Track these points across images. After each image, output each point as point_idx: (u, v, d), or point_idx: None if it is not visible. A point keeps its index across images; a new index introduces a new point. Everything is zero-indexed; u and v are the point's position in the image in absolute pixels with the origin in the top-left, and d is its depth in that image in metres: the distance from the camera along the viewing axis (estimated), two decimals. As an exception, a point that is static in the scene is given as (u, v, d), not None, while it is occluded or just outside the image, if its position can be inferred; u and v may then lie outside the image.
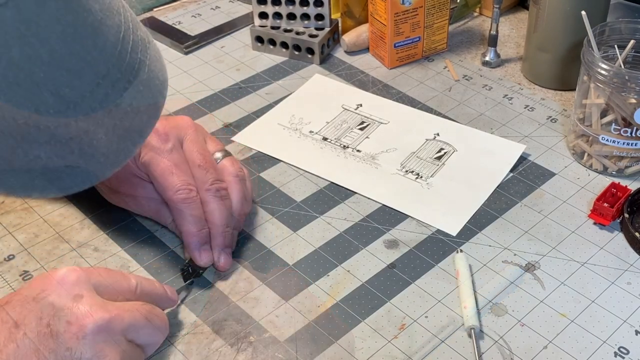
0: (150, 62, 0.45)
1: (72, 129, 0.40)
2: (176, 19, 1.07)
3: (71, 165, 0.42)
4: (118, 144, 0.43)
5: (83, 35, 0.39)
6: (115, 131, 0.43)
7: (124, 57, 0.42)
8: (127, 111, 0.43)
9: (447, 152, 0.81)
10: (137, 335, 0.55)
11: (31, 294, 0.52)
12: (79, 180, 0.43)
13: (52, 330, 0.50)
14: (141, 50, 0.44)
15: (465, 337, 0.61)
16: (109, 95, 0.41)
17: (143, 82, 0.44)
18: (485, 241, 0.70)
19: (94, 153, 0.42)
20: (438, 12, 0.95)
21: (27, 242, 0.71)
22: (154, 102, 0.45)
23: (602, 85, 0.73)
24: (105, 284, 0.55)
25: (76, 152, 0.41)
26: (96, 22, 0.40)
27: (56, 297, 0.51)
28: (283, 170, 0.79)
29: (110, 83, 0.41)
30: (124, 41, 0.42)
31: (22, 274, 0.67)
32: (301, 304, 0.64)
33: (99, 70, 0.41)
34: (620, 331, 0.61)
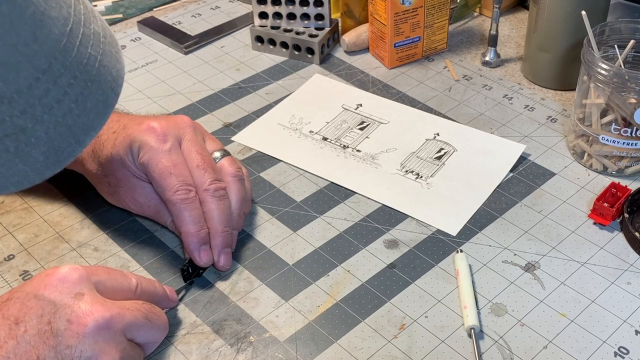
0: (102, 57, 0.42)
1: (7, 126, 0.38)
2: (176, 19, 1.07)
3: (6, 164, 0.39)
4: (60, 142, 0.41)
5: (20, 26, 0.37)
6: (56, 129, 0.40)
7: (69, 51, 0.40)
8: (71, 108, 0.40)
9: (447, 152, 0.81)
10: (137, 334, 0.55)
11: (32, 291, 0.52)
12: (15, 180, 0.40)
13: (52, 327, 0.50)
14: (93, 45, 0.42)
15: (465, 337, 0.61)
16: (49, 91, 0.39)
17: (92, 78, 0.41)
18: (485, 241, 0.70)
19: (31, 152, 0.39)
20: (438, 12, 0.95)
21: (27, 242, 0.71)
22: (103, 98, 0.43)
23: (602, 85, 0.73)
24: (105, 282, 0.55)
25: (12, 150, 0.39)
26: (38, 13, 0.38)
27: (57, 294, 0.52)
28: (283, 170, 0.79)
29: (52, 78, 0.39)
30: (71, 34, 0.40)
31: (22, 274, 0.67)
32: (301, 304, 0.64)
33: (39, 64, 0.38)
34: (620, 331, 0.61)
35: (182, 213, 0.64)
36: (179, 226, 0.65)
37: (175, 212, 0.65)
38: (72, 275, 0.53)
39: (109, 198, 0.71)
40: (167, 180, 0.64)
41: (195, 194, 0.65)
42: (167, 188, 0.64)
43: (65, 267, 0.54)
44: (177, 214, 0.65)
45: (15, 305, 0.51)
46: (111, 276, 0.56)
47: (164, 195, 0.65)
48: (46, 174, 0.41)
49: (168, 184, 0.64)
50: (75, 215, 0.74)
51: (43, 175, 0.41)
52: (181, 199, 0.64)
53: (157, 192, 0.66)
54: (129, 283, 0.57)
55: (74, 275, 0.53)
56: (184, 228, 0.65)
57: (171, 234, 0.71)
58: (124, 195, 0.69)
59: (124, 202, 0.70)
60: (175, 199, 0.64)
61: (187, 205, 0.64)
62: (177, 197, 0.64)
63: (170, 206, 0.65)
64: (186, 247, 0.65)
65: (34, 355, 0.49)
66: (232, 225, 0.67)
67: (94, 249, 0.70)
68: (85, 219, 0.73)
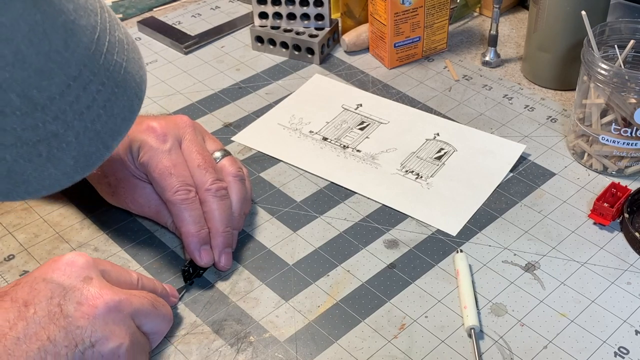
0: (127, 63, 0.44)
1: (40, 132, 0.39)
2: (176, 19, 1.07)
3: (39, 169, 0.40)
4: (89, 147, 0.42)
5: (52, 35, 0.38)
6: (86, 134, 0.41)
7: (97, 58, 0.41)
8: (99, 114, 0.42)
9: (447, 152, 0.81)
10: (144, 321, 0.56)
11: (40, 275, 0.53)
12: (47, 183, 0.41)
13: (62, 309, 0.51)
14: (118, 52, 0.43)
15: (465, 337, 0.61)
16: (80, 97, 0.40)
17: (118, 84, 0.43)
18: (485, 241, 0.70)
19: (62, 156, 0.41)
20: (438, 12, 0.95)
21: (27, 242, 0.71)
22: (129, 104, 0.44)
23: (602, 85, 0.73)
24: (110, 272, 0.56)
25: (44, 155, 0.40)
26: (68, 22, 0.39)
27: (66, 278, 0.52)
28: (283, 170, 0.79)
29: (82, 85, 0.40)
30: (98, 42, 0.41)
31: (22, 274, 0.67)
32: (301, 304, 0.64)
33: (70, 72, 0.39)
34: (620, 331, 0.61)
35: (182, 213, 0.64)
36: (179, 226, 0.65)
37: (175, 212, 0.65)
38: (79, 260, 0.54)
39: (108, 198, 0.71)
40: (167, 181, 0.64)
41: (195, 194, 0.65)
42: (167, 188, 0.64)
43: (72, 253, 0.55)
44: (177, 214, 0.65)
45: (24, 289, 0.51)
46: (114, 268, 0.57)
47: (164, 195, 0.65)
48: (76, 177, 0.43)
49: (168, 184, 0.64)
50: (75, 215, 0.74)
51: (73, 179, 0.42)
52: (181, 199, 0.64)
53: (157, 192, 0.66)
54: (131, 277, 0.58)
55: (81, 260, 0.54)
56: (184, 228, 0.65)
57: (171, 234, 0.71)
58: (124, 196, 0.69)
59: (123, 202, 0.70)
60: (175, 199, 0.64)
61: (188, 206, 0.64)
62: (177, 197, 0.64)
63: (171, 206, 0.65)
64: (186, 247, 0.65)
65: (44, 335, 0.49)
66: (232, 225, 0.67)
67: (94, 249, 0.70)
68: (85, 219, 0.73)
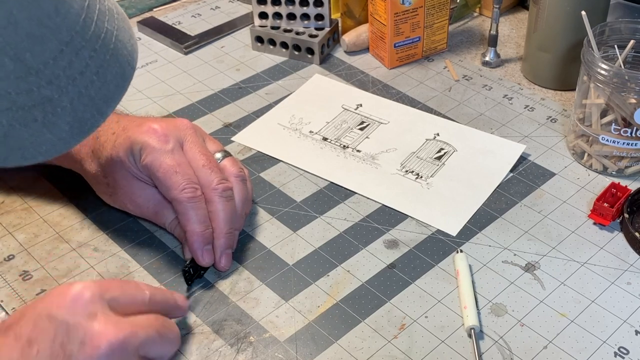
0: (117, 32, 0.45)
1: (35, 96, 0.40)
2: (176, 19, 1.07)
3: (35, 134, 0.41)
4: (84, 113, 0.43)
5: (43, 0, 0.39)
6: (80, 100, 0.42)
7: (89, 25, 0.42)
8: (92, 80, 0.43)
9: (447, 152, 0.81)
10: (150, 350, 0.54)
11: (45, 310, 0.51)
12: (43, 149, 0.42)
13: (65, 350, 0.49)
14: (108, 20, 0.44)
15: (465, 337, 0.61)
16: (72, 63, 0.41)
17: (110, 51, 0.44)
18: (485, 241, 0.70)
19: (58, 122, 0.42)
20: (438, 12, 0.95)
21: (27, 242, 0.71)
22: (121, 71, 0.45)
23: (602, 85, 0.73)
24: (119, 299, 0.54)
25: (39, 120, 0.41)
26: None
27: (70, 315, 0.51)
28: (283, 170, 0.79)
29: (74, 50, 0.41)
30: (89, 9, 0.42)
31: (22, 274, 0.67)
32: (301, 304, 0.64)
33: (62, 37, 0.40)
34: (620, 331, 0.61)
35: (188, 212, 0.64)
36: (184, 225, 0.65)
37: (181, 210, 0.64)
38: (84, 294, 0.52)
39: (107, 199, 0.71)
40: (173, 179, 0.64)
41: (201, 193, 0.65)
42: (173, 186, 0.64)
43: (78, 285, 0.53)
44: (184, 212, 0.64)
45: (28, 325, 0.50)
46: (124, 291, 0.55)
47: (170, 193, 0.65)
48: (72, 143, 0.43)
49: (174, 182, 0.64)
50: (75, 215, 0.74)
51: (69, 144, 0.43)
52: (188, 197, 0.64)
53: (162, 191, 0.66)
54: (142, 296, 0.56)
55: (87, 294, 0.52)
56: (189, 227, 0.64)
57: (171, 234, 0.71)
58: (123, 197, 0.69)
59: (122, 203, 0.70)
60: (182, 197, 0.64)
61: (194, 204, 0.64)
62: (184, 195, 0.64)
63: (176, 204, 0.65)
64: (190, 246, 0.65)
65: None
66: (235, 226, 0.67)
67: (94, 249, 0.70)
68: (85, 219, 0.73)
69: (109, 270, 0.67)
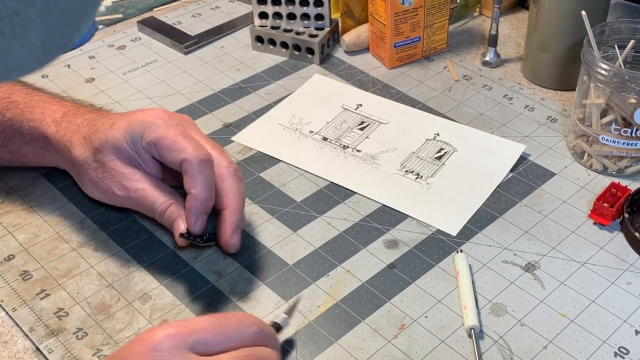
0: None
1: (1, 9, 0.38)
2: (176, 19, 1.07)
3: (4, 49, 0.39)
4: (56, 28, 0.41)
5: None
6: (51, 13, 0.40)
7: None
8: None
9: (447, 152, 0.81)
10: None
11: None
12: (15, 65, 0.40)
13: None
14: None
15: (465, 337, 0.61)
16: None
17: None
18: (485, 241, 0.70)
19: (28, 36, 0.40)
20: (438, 12, 0.95)
21: (27, 242, 0.71)
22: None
23: (602, 85, 0.73)
24: (207, 340, 0.52)
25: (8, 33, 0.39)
26: None
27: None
28: (283, 170, 0.79)
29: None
30: None
31: (22, 274, 0.67)
32: (301, 304, 0.64)
33: None
34: (620, 331, 0.61)
35: (197, 175, 0.63)
36: (190, 187, 0.63)
37: (190, 172, 0.63)
38: (164, 344, 0.50)
39: (90, 188, 0.69)
40: (184, 142, 0.63)
41: (212, 161, 0.64)
42: (184, 148, 0.63)
43: (160, 332, 0.50)
44: (193, 174, 0.63)
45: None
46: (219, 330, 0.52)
47: (182, 154, 0.63)
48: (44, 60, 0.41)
49: (185, 145, 0.63)
50: (75, 215, 0.74)
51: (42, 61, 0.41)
52: (201, 160, 0.63)
53: (170, 159, 0.64)
54: (244, 332, 0.53)
55: (166, 343, 0.50)
56: (195, 190, 0.63)
57: (170, 235, 0.71)
58: (110, 181, 0.67)
59: (108, 188, 0.68)
60: (196, 156, 0.63)
61: (205, 168, 0.63)
62: (199, 156, 0.63)
63: (187, 166, 0.63)
64: (188, 210, 0.64)
65: None
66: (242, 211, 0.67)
67: (94, 249, 0.70)
68: (85, 219, 0.73)
69: (109, 270, 0.67)
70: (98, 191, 0.70)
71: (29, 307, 0.64)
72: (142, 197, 0.67)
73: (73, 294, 0.65)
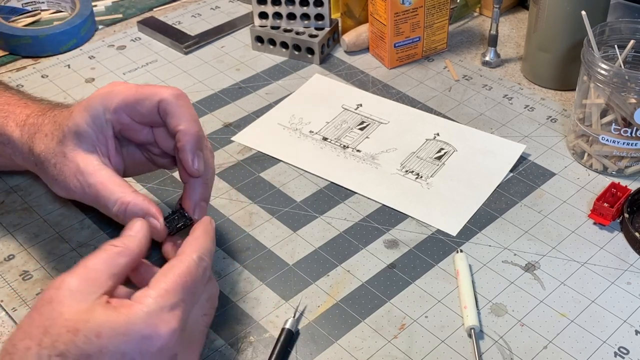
0: None
1: None
2: (176, 19, 1.07)
3: None
4: None
5: None
6: None
7: None
8: None
9: (447, 152, 0.81)
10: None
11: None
12: None
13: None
14: None
15: (465, 337, 0.61)
16: None
17: None
18: (485, 241, 0.70)
19: None
20: (438, 12, 0.95)
21: (27, 242, 0.71)
22: None
23: (602, 85, 0.73)
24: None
25: None
26: None
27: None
28: (283, 170, 0.79)
29: None
30: None
31: (22, 274, 0.67)
32: (303, 304, 0.64)
33: None
34: (620, 331, 0.61)
35: (180, 110, 0.59)
36: (175, 125, 0.59)
37: (172, 108, 0.59)
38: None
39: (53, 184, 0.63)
40: (153, 87, 0.60)
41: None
42: (157, 91, 0.60)
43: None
44: (175, 110, 0.59)
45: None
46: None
47: (156, 97, 0.59)
48: None
49: (156, 89, 0.60)
50: (75, 215, 0.74)
51: None
52: (177, 95, 0.60)
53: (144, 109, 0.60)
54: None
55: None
56: (183, 125, 0.59)
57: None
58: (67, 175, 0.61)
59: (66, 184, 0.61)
60: (171, 93, 0.59)
61: (186, 103, 0.60)
62: (174, 92, 0.60)
63: (166, 104, 0.59)
64: (182, 148, 0.59)
65: None
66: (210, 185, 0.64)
67: (94, 249, 0.70)
68: (85, 219, 0.73)
69: (109, 270, 0.67)
70: (59, 187, 0.62)
71: (29, 307, 0.64)
72: (94, 193, 0.59)
73: (73, 294, 0.65)
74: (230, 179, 0.78)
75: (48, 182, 0.64)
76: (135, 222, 0.55)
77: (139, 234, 0.54)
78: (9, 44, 0.99)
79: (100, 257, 0.51)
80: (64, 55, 0.99)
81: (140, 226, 0.55)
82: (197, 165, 0.60)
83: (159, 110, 0.60)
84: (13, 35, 0.98)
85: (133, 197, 0.59)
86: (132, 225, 0.55)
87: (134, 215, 0.58)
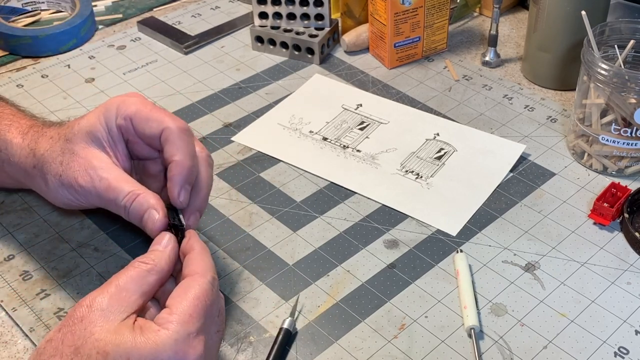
0: None
1: None
2: (176, 19, 1.07)
3: None
4: None
5: None
6: None
7: None
8: None
9: (447, 152, 0.81)
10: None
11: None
12: None
13: None
14: None
15: (465, 337, 0.61)
16: None
17: None
18: (485, 241, 0.70)
19: None
20: (438, 12, 0.95)
21: (27, 242, 0.71)
22: None
23: (602, 85, 0.73)
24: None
25: None
26: None
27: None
28: (283, 170, 0.79)
29: None
30: None
31: (22, 274, 0.67)
32: (301, 304, 0.64)
33: None
34: (620, 331, 0.61)
35: (179, 142, 0.60)
36: (171, 155, 0.60)
37: (172, 139, 0.60)
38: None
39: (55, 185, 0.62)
40: (163, 113, 0.61)
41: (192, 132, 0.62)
42: (164, 118, 0.60)
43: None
44: (175, 141, 0.60)
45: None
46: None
47: (162, 124, 0.60)
48: None
49: (165, 115, 0.61)
50: (75, 215, 0.74)
51: None
52: (181, 128, 0.60)
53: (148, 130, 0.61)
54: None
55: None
56: (178, 157, 0.59)
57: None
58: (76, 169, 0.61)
59: (73, 180, 0.61)
60: (176, 125, 0.60)
61: (187, 136, 0.60)
62: (179, 124, 0.60)
63: (168, 133, 0.60)
64: (172, 178, 0.59)
65: None
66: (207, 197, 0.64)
67: (94, 249, 0.70)
68: (85, 219, 0.73)
69: (109, 270, 0.67)
70: (63, 187, 0.62)
71: (29, 307, 0.64)
72: (105, 187, 0.60)
73: (73, 294, 0.65)
74: (230, 179, 0.78)
75: (47, 186, 0.63)
76: (163, 236, 0.57)
77: (167, 247, 0.56)
78: (9, 44, 0.99)
79: (130, 275, 0.52)
80: (64, 55, 0.99)
81: (168, 240, 0.56)
82: (182, 198, 0.60)
83: (161, 137, 0.61)
84: (13, 35, 0.98)
85: (144, 191, 0.60)
86: (161, 239, 0.57)
87: (141, 208, 0.59)
